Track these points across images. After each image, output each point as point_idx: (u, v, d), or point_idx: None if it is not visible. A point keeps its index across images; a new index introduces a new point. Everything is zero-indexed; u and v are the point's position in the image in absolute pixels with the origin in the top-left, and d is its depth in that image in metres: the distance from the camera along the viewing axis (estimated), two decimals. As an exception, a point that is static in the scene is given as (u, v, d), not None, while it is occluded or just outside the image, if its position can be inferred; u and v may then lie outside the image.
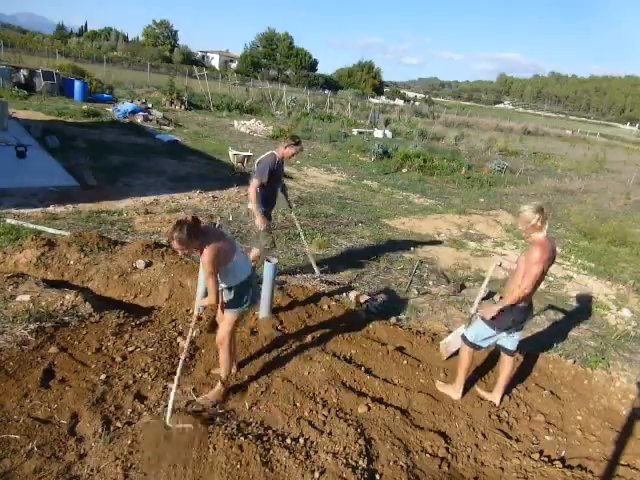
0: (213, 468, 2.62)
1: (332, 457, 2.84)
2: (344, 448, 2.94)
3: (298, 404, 3.31)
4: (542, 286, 6.42)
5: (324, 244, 6.73)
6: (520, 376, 4.24)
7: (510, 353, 3.70)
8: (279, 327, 4.26)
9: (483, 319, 3.56)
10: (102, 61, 34.98)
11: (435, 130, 25.72)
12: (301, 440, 2.96)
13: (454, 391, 3.74)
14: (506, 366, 3.73)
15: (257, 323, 4.26)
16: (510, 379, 3.81)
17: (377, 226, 8.22)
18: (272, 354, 3.88)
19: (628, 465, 3.28)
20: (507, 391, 3.87)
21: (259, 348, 3.92)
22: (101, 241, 5.33)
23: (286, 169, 11.77)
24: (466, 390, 3.82)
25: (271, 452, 2.79)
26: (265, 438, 2.91)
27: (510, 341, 3.67)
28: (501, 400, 3.77)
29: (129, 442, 2.71)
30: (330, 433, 3.07)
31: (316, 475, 2.69)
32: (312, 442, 2.96)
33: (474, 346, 3.64)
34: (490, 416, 3.62)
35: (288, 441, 2.93)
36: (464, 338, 3.70)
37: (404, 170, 14.19)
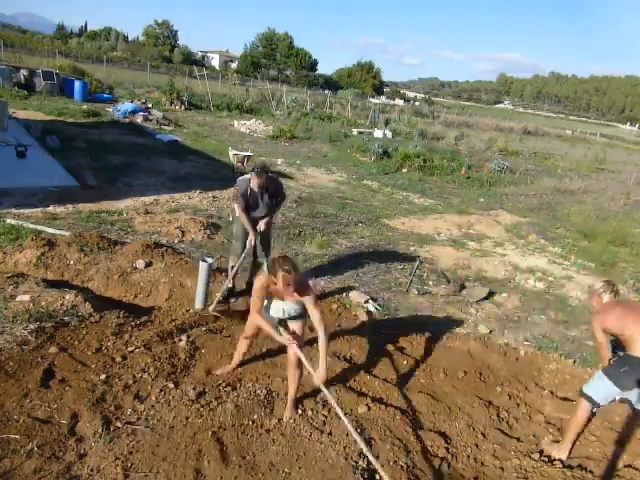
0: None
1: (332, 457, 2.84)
2: (344, 448, 2.94)
3: (298, 404, 3.31)
4: (542, 286, 6.44)
5: (324, 244, 6.73)
6: (520, 376, 4.24)
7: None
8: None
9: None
10: (102, 61, 34.94)
11: (435, 130, 25.71)
12: (301, 440, 2.97)
13: (562, 452, 3.29)
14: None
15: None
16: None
17: (377, 226, 8.22)
18: (272, 354, 3.88)
19: (628, 465, 3.28)
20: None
21: (259, 348, 3.92)
22: (101, 241, 5.33)
23: (286, 169, 11.82)
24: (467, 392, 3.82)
25: (271, 452, 2.79)
26: (265, 438, 2.91)
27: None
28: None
29: (129, 442, 2.72)
30: (330, 433, 3.07)
31: (316, 475, 2.70)
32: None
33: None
34: (490, 416, 3.62)
35: (288, 441, 2.93)
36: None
37: (404, 170, 14.18)
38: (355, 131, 21.80)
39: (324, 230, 7.42)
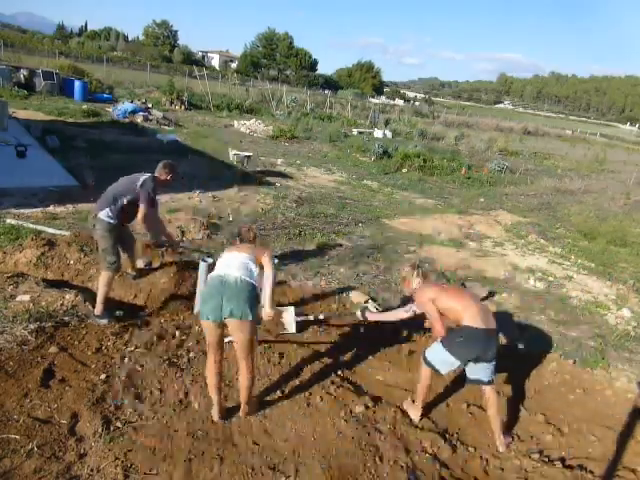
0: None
1: (332, 457, 2.85)
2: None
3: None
4: (542, 286, 6.43)
5: (324, 244, 6.73)
6: (520, 376, 4.24)
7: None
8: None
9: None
10: (102, 61, 34.93)
11: (435, 130, 25.71)
12: (301, 440, 2.97)
13: (414, 412, 3.43)
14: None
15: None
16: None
17: (377, 226, 8.22)
18: (272, 354, 3.88)
19: (628, 465, 3.28)
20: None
21: (258, 347, 3.92)
22: (101, 241, 5.32)
23: (286, 169, 11.82)
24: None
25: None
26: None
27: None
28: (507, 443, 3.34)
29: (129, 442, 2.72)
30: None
31: (316, 475, 2.70)
32: (312, 442, 2.97)
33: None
34: (490, 416, 3.61)
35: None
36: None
37: (404, 170, 14.18)
38: (355, 131, 21.80)
39: (324, 230, 7.41)
